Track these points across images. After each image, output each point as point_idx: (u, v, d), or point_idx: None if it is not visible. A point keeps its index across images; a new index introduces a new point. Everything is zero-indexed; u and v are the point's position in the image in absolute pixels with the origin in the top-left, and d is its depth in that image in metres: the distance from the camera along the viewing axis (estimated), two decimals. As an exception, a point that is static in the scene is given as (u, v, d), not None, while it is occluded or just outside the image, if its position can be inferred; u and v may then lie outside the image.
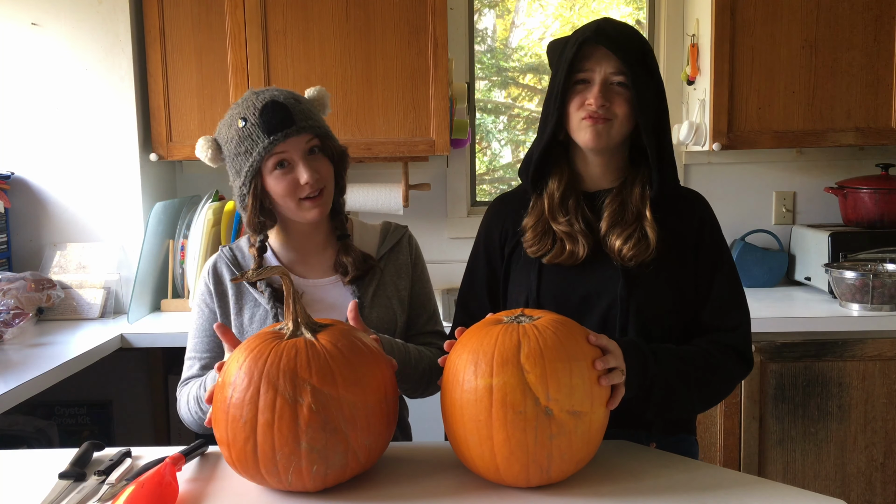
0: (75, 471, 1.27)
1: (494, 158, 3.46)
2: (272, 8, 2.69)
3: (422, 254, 1.71)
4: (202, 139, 1.56)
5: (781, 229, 3.09)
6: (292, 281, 1.27)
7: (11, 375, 2.01)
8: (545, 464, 1.17)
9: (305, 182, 1.47)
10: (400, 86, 2.72)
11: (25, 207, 2.79)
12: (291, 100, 1.50)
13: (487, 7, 3.36)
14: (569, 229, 1.45)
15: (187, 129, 2.75)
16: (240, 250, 1.64)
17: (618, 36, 1.39)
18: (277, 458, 1.16)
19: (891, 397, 2.50)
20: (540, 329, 1.20)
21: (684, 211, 1.49)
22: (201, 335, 1.60)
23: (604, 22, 1.42)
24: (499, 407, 1.15)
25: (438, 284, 3.11)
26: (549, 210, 1.48)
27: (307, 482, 1.18)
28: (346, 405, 1.16)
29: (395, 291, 1.63)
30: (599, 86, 1.40)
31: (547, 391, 1.14)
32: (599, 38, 1.38)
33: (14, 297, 2.47)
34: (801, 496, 1.20)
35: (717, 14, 2.69)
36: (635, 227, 1.43)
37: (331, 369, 1.17)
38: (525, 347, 1.17)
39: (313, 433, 1.14)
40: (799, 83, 2.72)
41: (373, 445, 1.21)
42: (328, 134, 1.54)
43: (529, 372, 1.15)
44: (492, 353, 1.18)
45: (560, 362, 1.16)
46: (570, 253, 1.44)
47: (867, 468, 2.53)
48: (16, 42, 2.73)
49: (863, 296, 2.55)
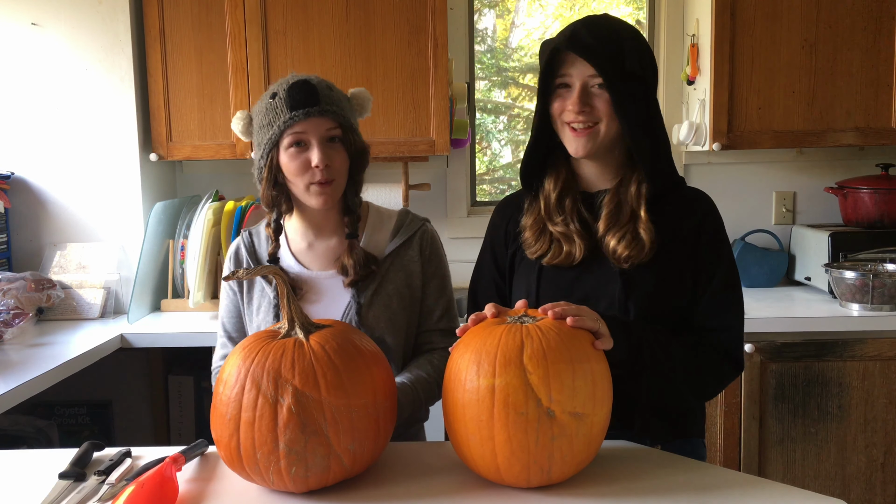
0: (75, 471, 1.27)
1: (494, 158, 3.46)
2: (272, 8, 2.69)
3: (439, 249, 1.69)
4: (239, 112, 1.60)
5: (781, 229, 3.09)
6: (286, 281, 1.28)
7: (11, 375, 2.01)
8: (546, 465, 1.16)
9: (315, 165, 1.48)
10: (400, 86, 2.72)
11: (25, 207, 2.79)
12: (324, 85, 1.52)
13: (487, 7, 3.36)
14: (565, 230, 1.45)
15: (187, 129, 2.75)
16: (258, 235, 1.68)
17: (591, 41, 1.36)
18: (258, 458, 1.16)
19: (891, 397, 2.50)
20: (543, 330, 1.19)
21: (685, 210, 1.46)
22: (228, 316, 1.67)
23: (580, 25, 1.40)
24: (501, 407, 1.15)
25: (438, 284, 3.11)
26: (545, 210, 1.48)
27: (288, 483, 1.18)
28: (328, 408, 1.16)
29: (397, 290, 1.60)
30: (578, 92, 1.39)
31: (549, 393, 1.14)
32: (570, 45, 1.37)
33: (14, 297, 2.47)
34: (801, 496, 1.20)
35: (717, 14, 2.69)
36: (629, 228, 1.41)
37: (314, 371, 1.17)
38: (528, 348, 1.16)
39: (292, 434, 1.14)
40: (799, 83, 2.72)
41: (358, 450, 1.19)
42: (351, 127, 1.55)
43: (532, 373, 1.14)
44: (494, 354, 1.17)
45: (563, 364, 1.16)
46: (567, 254, 1.44)
47: (867, 468, 2.53)
48: (16, 42, 2.73)
49: (863, 296, 2.55)
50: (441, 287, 1.67)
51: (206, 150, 2.75)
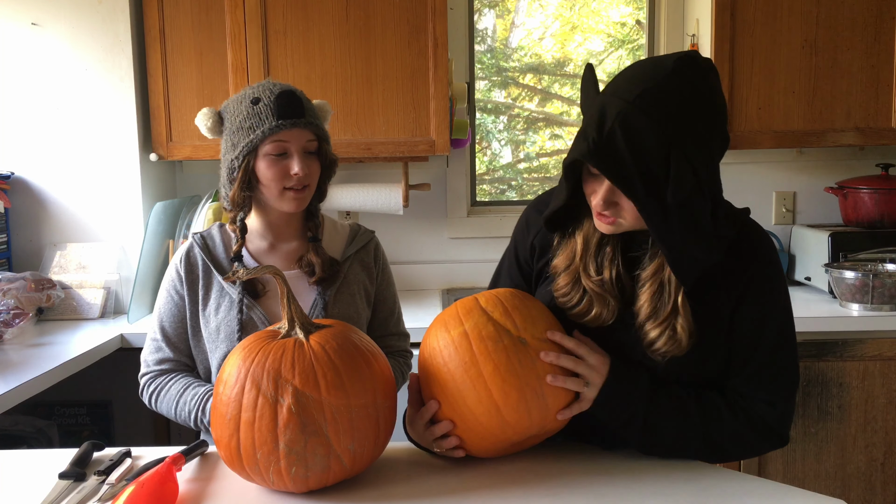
0: (75, 471, 1.27)
1: (494, 158, 3.46)
2: (272, 8, 2.69)
3: (387, 260, 1.80)
4: (206, 109, 1.61)
5: (781, 229, 3.09)
6: (286, 281, 1.28)
7: (11, 375, 2.01)
8: (537, 386, 1.22)
9: (296, 174, 1.54)
10: (400, 86, 2.72)
11: (25, 207, 2.79)
12: (305, 98, 1.59)
13: (487, 7, 3.36)
14: (599, 289, 1.28)
15: (187, 129, 2.75)
16: (211, 238, 1.69)
17: (623, 160, 1.12)
18: (258, 458, 1.17)
19: (891, 397, 2.50)
20: (493, 291, 1.32)
21: (732, 272, 1.26)
22: (170, 319, 1.64)
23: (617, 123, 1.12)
24: (478, 342, 1.23)
25: (438, 284, 3.12)
26: (581, 255, 1.30)
27: (288, 483, 1.19)
28: (328, 408, 1.16)
29: (359, 289, 1.69)
30: (603, 195, 1.20)
31: (515, 323, 1.24)
32: (597, 161, 1.13)
33: (14, 297, 2.47)
34: (801, 496, 1.20)
35: (717, 14, 2.69)
36: (669, 322, 1.23)
37: (314, 371, 1.18)
38: (481, 300, 1.29)
39: (292, 434, 1.15)
40: (799, 83, 2.72)
41: (359, 451, 1.20)
42: (327, 139, 1.63)
43: (493, 312, 1.26)
44: (455, 311, 1.28)
45: (517, 299, 1.29)
46: (597, 316, 1.29)
47: (867, 468, 2.53)
48: (16, 42, 2.73)
49: (863, 296, 2.55)
50: (394, 294, 1.79)
51: (206, 150, 2.75)
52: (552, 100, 3.49)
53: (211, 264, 1.63)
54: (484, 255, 3.10)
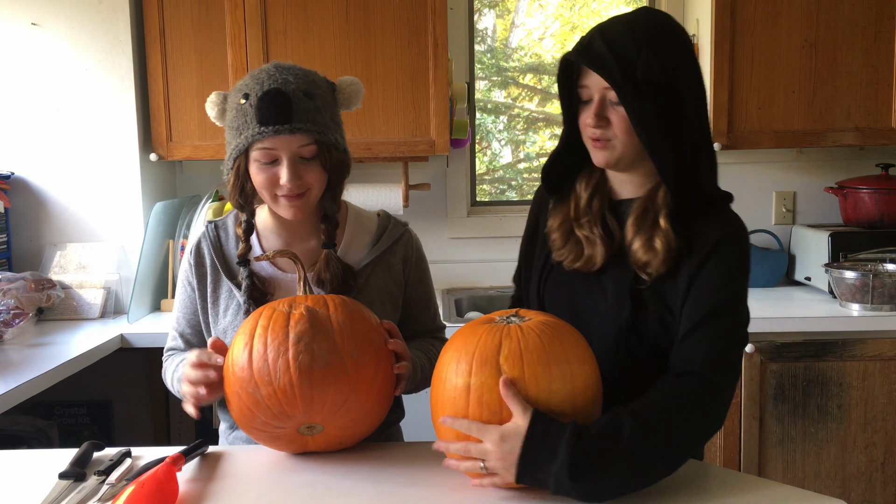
0: (75, 471, 1.27)
1: (494, 158, 3.46)
2: (272, 8, 2.69)
3: (423, 254, 1.64)
4: (215, 93, 1.48)
5: (781, 229, 3.09)
6: (303, 265, 1.36)
7: (11, 375, 2.01)
8: None
9: (283, 184, 1.40)
10: (400, 86, 2.72)
11: (25, 207, 2.79)
12: (300, 94, 1.39)
13: (487, 7, 3.36)
14: (589, 233, 1.38)
15: (187, 129, 2.75)
16: (224, 229, 1.59)
17: (602, 51, 1.26)
18: (268, 355, 1.25)
19: (891, 397, 2.50)
20: (524, 331, 1.18)
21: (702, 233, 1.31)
22: (183, 310, 1.60)
23: (596, 32, 1.30)
24: (475, 406, 1.15)
25: (438, 285, 3.09)
26: (574, 212, 1.41)
27: (294, 374, 1.24)
28: (334, 321, 1.30)
29: (379, 295, 1.54)
30: (595, 106, 1.31)
31: (526, 394, 1.13)
32: (581, 57, 1.29)
33: (14, 297, 2.47)
34: (801, 496, 1.20)
35: (717, 14, 2.69)
36: (651, 234, 1.31)
37: (324, 299, 1.34)
38: (505, 349, 1.15)
39: (302, 327, 1.27)
40: (799, 83, 2.72)
41: (361, 361, 1.28)
42: (327, 142, 1.42)
43: (507, 373, 1.13)
44: (472, 353, 1.17)
45: (539, 365, 1.14)
46: (588, 258, 1.37)
47: (867, 468, 2.53)
48: (16, 42, 2.73)
49: (863, 296, 2.55)
50: (429, 292, 1.66)
51: (206, 150, 2.75)
52: (552, 100, 3.49)
53: (218, 262, 1.54)
54: (484, 255, 3.10)
